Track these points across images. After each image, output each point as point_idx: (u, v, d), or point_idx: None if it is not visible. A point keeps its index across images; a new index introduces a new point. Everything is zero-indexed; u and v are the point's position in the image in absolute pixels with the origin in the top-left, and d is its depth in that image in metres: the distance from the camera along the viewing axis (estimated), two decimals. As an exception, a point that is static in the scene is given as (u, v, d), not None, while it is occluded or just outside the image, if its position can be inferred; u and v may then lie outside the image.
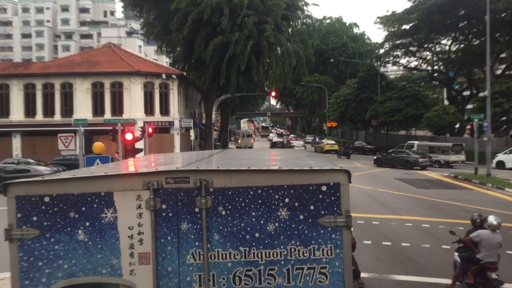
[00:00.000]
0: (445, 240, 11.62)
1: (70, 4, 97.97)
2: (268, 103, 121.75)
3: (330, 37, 71.94)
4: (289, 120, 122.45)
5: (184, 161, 5.81)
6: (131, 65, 38.05)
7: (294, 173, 4.27)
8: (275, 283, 4.18)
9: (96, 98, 37.72)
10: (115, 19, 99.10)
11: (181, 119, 40.24)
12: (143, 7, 40.46)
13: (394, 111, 47.28)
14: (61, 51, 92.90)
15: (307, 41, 42.94)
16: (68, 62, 39.80)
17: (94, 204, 4.16)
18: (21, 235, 4.13)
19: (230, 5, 35.20)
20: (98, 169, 5.55)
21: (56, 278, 4.14)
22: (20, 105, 37.93)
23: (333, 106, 62.36)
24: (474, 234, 8.31)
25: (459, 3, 40.18)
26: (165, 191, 4.18)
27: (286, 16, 38.70)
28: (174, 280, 4.17)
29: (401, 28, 48.14)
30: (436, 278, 9.36)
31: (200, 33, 35.74)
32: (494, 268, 8.02)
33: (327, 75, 70.16)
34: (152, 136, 24.34)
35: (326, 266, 4.18)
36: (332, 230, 4.19)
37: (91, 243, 4.15)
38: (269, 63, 38.67)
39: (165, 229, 4.18)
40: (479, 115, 28.72)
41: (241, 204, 4.18)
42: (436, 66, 52.57)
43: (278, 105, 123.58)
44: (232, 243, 4.18)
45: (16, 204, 4.13)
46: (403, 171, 31.84)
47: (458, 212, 16.46)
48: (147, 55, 72.23)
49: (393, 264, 10.44)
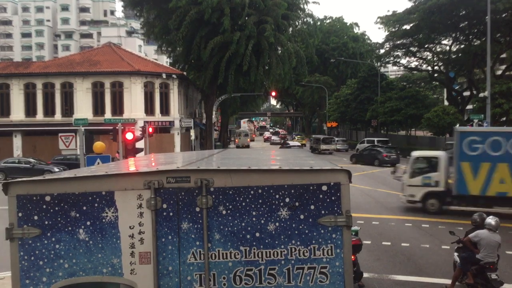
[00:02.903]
0: (444, 240, 11.63)
1: (70, 4, 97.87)
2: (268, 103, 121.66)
3: (330, 37, 71.88)
4: (289, 120, 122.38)
5: (184, 160, 5.82)
6: (131, 64, 38.05)
7: (295, 173, 4.28)
8: (275, 283, 4.19)
9: (96, 98, 37.71)
10: (115, 18, 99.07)
11: (182, 119, 40.23)
12: (143, 6, 40.42)
13: (394, 111, 47.23)
14: (61, 50, 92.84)
15: (308, 40, 42.88)
16: (68, 62, 39.79)
17: (95, 204, 4.16)
18: (22, 234, 4.14)
19: (231, 4, 35.18)
20: (99, 168, 5.56)
21: (56, 277, 4.14)
22: (21, 104, 37.92)
23: (333, 106, 62.32)
24: (472, 234, 8.32)
25: (460, 3, 40.13)
26: (166, 191, 4.19)
27: (286, 16, 38.66)
28: (174, 279, 4.17)
29: (401, 28, 48.07)
30: (436, 278, 9.37)
31: (200, 33, 35.71)
32: (493, 269, 8.03)
33: (327, 75, 70.10)
34: (152, 136, 24.38)
35: (327, 266, 4.19)
36: (333, 230, 4.20)
37: (92, 242, 4.16)
38: (269, 63, 38.64)
39: (166, 228, 4.19)
40: (479, 116, 28.74)
41: (241, 203, 4.19)
42: (437, 66, 52.49)
43: (278, 105, 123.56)
44: (233, 243, 4.19)
45: (17, 203, 4.14)
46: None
47: (457, 212, 16.47)
48: (147, 55, 72.21)
49: (393, 264, 10.45)
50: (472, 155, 15.43)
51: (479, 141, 15.42)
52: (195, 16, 34.67)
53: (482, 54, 40.15)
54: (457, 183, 15.63)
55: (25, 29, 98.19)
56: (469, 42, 44.72)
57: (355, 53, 69.95)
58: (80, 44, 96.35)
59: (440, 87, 63.13)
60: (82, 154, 15.62)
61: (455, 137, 16.26)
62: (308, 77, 61.84)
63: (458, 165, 15.58)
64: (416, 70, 57.75)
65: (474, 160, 15.39)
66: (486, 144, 15.33)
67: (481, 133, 16.32)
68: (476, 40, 44.58)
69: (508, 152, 15.11)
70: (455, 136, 16.12)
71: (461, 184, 15.54)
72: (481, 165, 15.32)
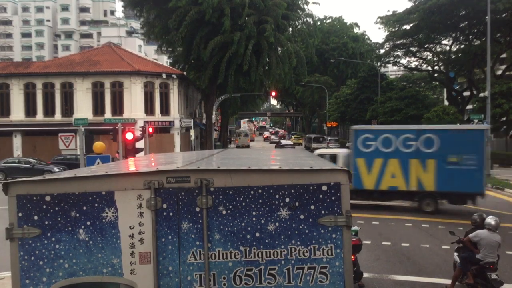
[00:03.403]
0: (444, 240, 11.63)
1: (70, 4, 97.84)
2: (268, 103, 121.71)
3: (330, 37, 71.82)
4: (289, 120, 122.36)
5: (184, 160, 5.81)
6: (131, 64, 38.05)
7: (295, 173, 4.28)
8: (275, 283, 4.19)
9: (96, 98, 37.72)
10: (115, 18, 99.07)
11: (181, 119, 40.23)
12: (143, 6, 40.41)
13: (394, 111, 47.21)
14: (61, 50, 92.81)
15: (308, 40, 42.88)
16: (68, 62, 39.79)
17: (95, 204, 4.16)
18: (22, 234, 4.14)
19: (231, 4, 35.17)
20: (99, 168, 5.55)
21: (56, 277, 4.14)
22: (21, 104, 37.93)
23: (333, 106, 62.31)
24: (472, 234, 8.32)
25: (460, 3, 40.12)
26: (166, 191, 4.19)
27: (286, 16, 38.66)
28: (174, 279, 4.17)
29: (401, 28, 48.05)
30: (436, 278, 9.37)
31: (200, 33, 35.71)
32: (493, 269, 8.03)
33: (327, 75, 70.05)
34: (152, 136, 24.38)
35: (327, 266, 4.19)
36: (333, 230, 4.20)
37: (92, 242, 4.15)
38: (269, 63, 38.64)
39: (166, 228, 4.19)
40: (479, 116, 28.74)
41: (241, 203, 4.19)
42: (437, 66, 52.49)
43: (278, 105, 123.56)
44: (233, 243, 4.19)
45: (17, 203, 4.14)
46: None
47: (457, 212, 16.48)
48: (147, 55, 72.21)
49: (393, 264, 10.46)
50: (366, 151, 16.64)
51: (372, 139, 16.65)
52: (195, 16, 34.66)
53: (482, 54, 40.14)
54: (354, 178, 16.15)
55: (25, 29, 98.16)
56: (469, 42, 44.71)
57: (355, 53, 69.88)
58: (80, 44, 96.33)
59: (440, 87, 63.11)
60: (82, 154, 15.63)
61: (351, 135, 17.46)
62: (308, 77, 61.79)
63: (354, 161, 16.74)
64: (416, 70, 57.74)
65: (368, 156, 16.59)
66: (378, 141, 16.51)
67: (373, 131, 17.59)
68: (476, 40, 44.57)
69: (398, 149, 16.25)
70: (351, 134, 17.37)
71: (357, 179, 16.43)
72: (374, 161, 16.52)
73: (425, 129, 17.06)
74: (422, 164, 16.01)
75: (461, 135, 16.42)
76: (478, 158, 15.70)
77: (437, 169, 15.84)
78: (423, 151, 16.06)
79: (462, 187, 15.78)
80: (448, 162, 15.81)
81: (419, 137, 16.21)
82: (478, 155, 15.72)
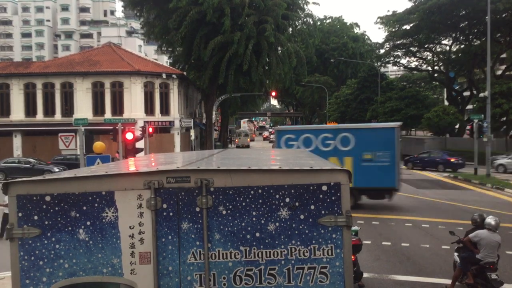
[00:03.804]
0: (444, 240, 11.63)
1: (70, 4, 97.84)
2: (268, 103, 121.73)
3: (330, 37, 71.80)
4: (289, 120, 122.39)
5: (184, 160, 5.81)
6: (131, 64, 38.06)
7: (295, 173, 4.27)
8: (275, 283, 4.18)
9: (96, 98, 37.73)
10: (115, 18, 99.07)
11: (182, 119, 40.24)
12: (143, 6, 40.44)
13: (394, 111, 47.23)
14: (61, 50, 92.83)
15: (308, 40, 42.89)
16: (68, 62, 39.80)
17: (95, 204, 4.16)
18: (22, 234, 4.13)
19: (231, 4, 35.18)
20: (99, 168, 5.54)
21: (56, 277, 4.14)
22: (21, 104, 37.94)
23: (333, 106, 62.32)
24: (472, 234, 8.33)
25: (460, 3, 40.15)
26: (166, 191, 4.19)
27: (286, 16, 38.66)
28: (174, 279, 4.17)
29: (401, 28, 48.09)
30: (436, 278, 9.37)
31: (200, 33, 35.71)
32: (493, 269, 8.03)
33: (327, 75, 70.02)
34: (152, 136, 24.41)
35: (327, 266, 4.19)
36: (333, 230, 4.19)
37: (92, 242, 4.15)
38: (269, 63, 38.64)
39: (166, 228, 4.18)
40: (479, 116, 28.72)
41: (241, 203, 4.19)
42: (437, 66, 52.52)
43: (278, 105, 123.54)
44: (233, 243, 4.18)
45: (17, 203, 4.13)
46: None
47: (457, 213, 16.48)
48: (147, 55, 72.20)
49: (393, 264, 10.46)
50: None
51: (294, 139, 17.19)
52: (196, 16, 34.66)
53: (482, 54, 40.18)
54: None
55: (25, 29, 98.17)
56: (469, 42, 44.73)
57: (355, 53, 69.86)
58: (80, 44, 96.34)
59: (440, 87, 63.16)
60: (82, 154, 15.62)
61: (275, 135, 18.08)
62: (308, 77, 61.76)
63: None
64: (416, 70, 57.78)
65: None
66: (299, 141, 17.05)
67: (295, 131, 18.31)
68: (476, 40, 44.61)
69: (317, 148, 16.60)
70: (275, 134, 17.96)
71: None
72: None
73: (341, 128, 17.92)
74: (340, 162, 16.31)
75: (374, 133, 17.17)
76: (391, 155, 16.40)
77: (353, 166, 16.22)
78: (341, 150, 16.72)
79: (377, 182, 16.55)
80: (363, 160, 16.48)
81: (336, 136, 16.86)
82: (391, 152, 16.40)
